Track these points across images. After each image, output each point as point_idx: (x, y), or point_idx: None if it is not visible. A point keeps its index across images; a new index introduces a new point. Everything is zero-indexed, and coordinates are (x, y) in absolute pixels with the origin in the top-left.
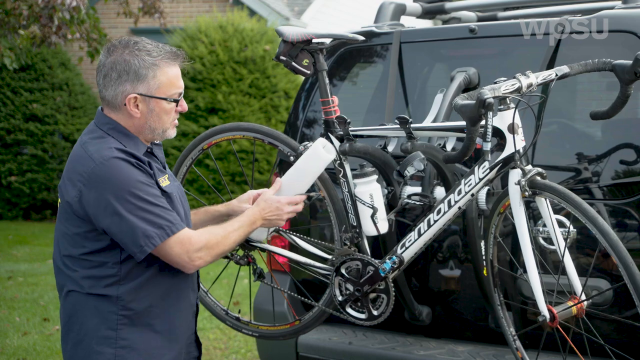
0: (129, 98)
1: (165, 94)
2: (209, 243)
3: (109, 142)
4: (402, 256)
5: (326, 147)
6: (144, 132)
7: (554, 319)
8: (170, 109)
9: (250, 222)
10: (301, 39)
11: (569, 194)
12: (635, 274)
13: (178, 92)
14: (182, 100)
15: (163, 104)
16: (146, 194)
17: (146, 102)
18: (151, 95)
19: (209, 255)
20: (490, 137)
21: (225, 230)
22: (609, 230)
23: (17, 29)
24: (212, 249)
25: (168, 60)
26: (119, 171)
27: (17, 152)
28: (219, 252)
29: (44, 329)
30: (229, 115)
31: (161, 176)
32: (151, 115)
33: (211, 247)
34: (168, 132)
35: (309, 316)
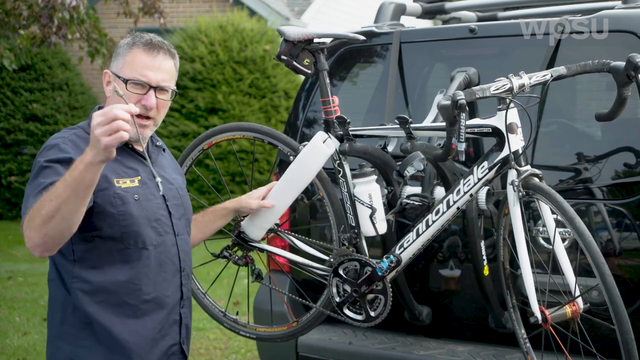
0: (104, 73)
1: (123, 75)
2: (29, 216)
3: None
4: (400, 256)
5: (326, 142)
6: None
7: (546, 320)
8: (128, 93)
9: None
10: (302, 39)
11: (553, 193)
12: (607, 274)
13: (137, 78)
14: (149, 94)
15: (121, 84)
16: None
17: (113, 80)
18: (115, 72)
19: (31, 231)
20: (464, 137)
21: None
22: (585, 230)
23: (17, 29)
24: (32, 220)
25: (141, 46)
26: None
27: (17, 152)
28: (40, 223)
29: (44, 329)
30: (229, 115)
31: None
32: (113, 96)
33: (30, 219)
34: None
35: (306, 318)
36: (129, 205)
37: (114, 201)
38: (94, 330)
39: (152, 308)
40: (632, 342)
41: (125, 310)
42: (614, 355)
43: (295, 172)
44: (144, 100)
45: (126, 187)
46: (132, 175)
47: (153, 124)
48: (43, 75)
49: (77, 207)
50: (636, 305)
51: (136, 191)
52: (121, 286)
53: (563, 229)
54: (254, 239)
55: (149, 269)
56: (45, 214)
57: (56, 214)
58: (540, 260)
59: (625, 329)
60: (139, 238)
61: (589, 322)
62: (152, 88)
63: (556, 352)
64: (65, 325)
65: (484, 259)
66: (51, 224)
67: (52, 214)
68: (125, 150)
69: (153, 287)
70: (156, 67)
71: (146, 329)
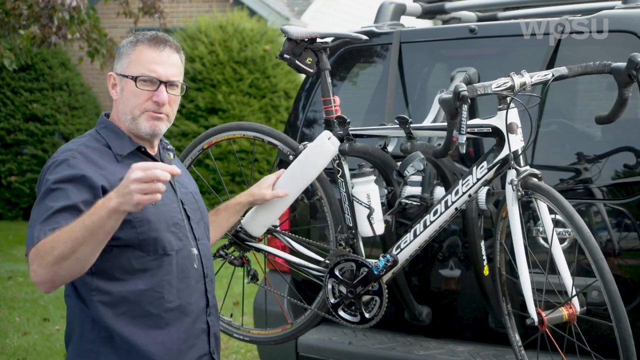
0: (109, 75)
1: (131, 73)
2: (38, 252)
3: (80, 142)
4: (397, 257)
5: (331, 139)
6: (121, 117)
7: (543, 323)
8: (136, 91)
9: (99, 204)
10: (305, 38)
11: (551, 191)
12: (605, 271)
13: (146, 74)
14: (160, 89)
15: (129, 83)
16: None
17: (120, 81)
18: (121, 73)
19: (38, 267)
20: (465, 129)
21: (61, 229)
22: (584, 226)
23: (17, 29)
24: (40, 258)
25: (146, 42)
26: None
27: (17, 152)
28: (51, 261)
29: (44, 329)
30: (229, 115)
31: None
32: (122, 97)
33: (40, 256)
34: (139, 123)
35: (301, 320)
36: (145, 211)
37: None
38: (115, 344)
39: (176, 317)
40: (630, 339)
41: (148, 320)
42: (612, 355)
43: (299, 168)
44: (155, 96)
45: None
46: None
47: (167, 120)
48: (43, 75)
49: (94, 250)
50: (636, 305)
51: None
52: (143, 295)
53: (563, 229)
54: (254, 236)
55: (171, 276)
56: (59, 254)
57: (71, 256)
58: (538, 261)
59: (623, 325)
60: (159, 244)
61: (587, 323)
62: (162, 83)
63: (551, 352)
64: (85, 341)
65: (484, 259)
66: (64, 265)
67: (66, 256)
68: (138, 154)
69: (176, 294)
70: (164, 62)
71: (171, 339)
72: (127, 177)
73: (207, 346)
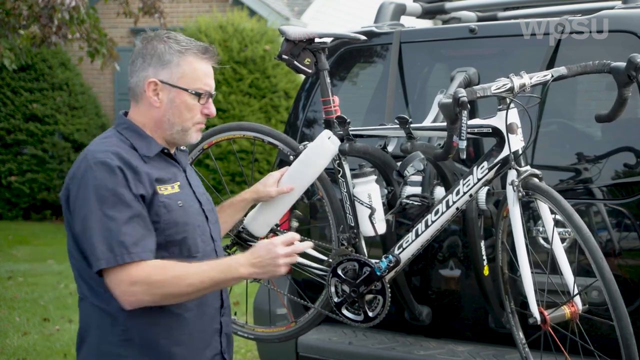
0: (149, 82)
1: (187, 86)
2: (150, 279)
3: (112, 142)
4: (399, 257)
5: (331, 139)
6: (163, 126)
7: (545, 321)
8: (193, 105)
9: (228, 268)
10: (304, 38)
11: (551, 192)
12: (605, 270)
13: (204, 88)
14: (210, 102)
15: (184, 96)
16: (117, 209)
17: (167, 91)
18: (173, 84)
19: (145, 294)
20: (465, 135)
21: (185, 269)
22: (583, 226)
23: (17, 29)
24: (151, 287)
25: (197, 52)
26: (103, 178)
27: (17, 152)
28: (164, 294)
29: (44, 329)
30: (229, 115)
31: (171, 183)
32: (171, 107)
33: (151, 283)
34: (189, 134)
35: (304, 318)
36: (173, 213)
37: (160, 211)
38: (136, 345)
39: (196, 317)
40: (631, 337)
41: (170, 321)
42: (614, 355)
43: (300, 168)
44: (206, 109)
45: (168, 193)
46: (172, 181)
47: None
48: (43, 75)
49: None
50: (636, 305)
51: (179, 197)
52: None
53: (563, 229)
54: (256, 236)
55: None
56: (177, 292)
57: (184, 296)
58: (539, 260)
59: (624, 324)
60: (184, 246)
61: (589, 322)
62: (210, 96)
63: (555, 352)
64: (104, 343)
65: (484, 259)
66: (171, 300)
67: (182, 295)
68: (161, 155)
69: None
70: (212, 75)
71: (191, 339)
72: (269, 251)
73: (219, 346)
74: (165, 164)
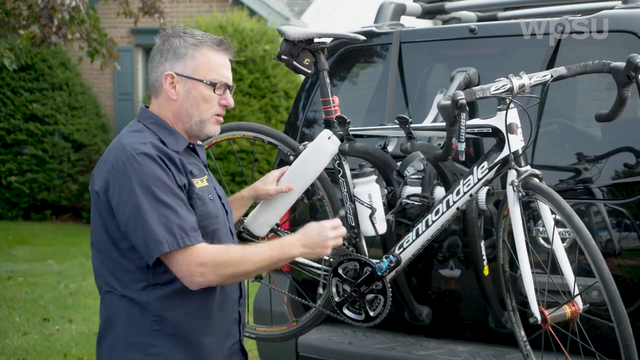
0: (165, 75)
1: (202, 77)
2: (217, 260)
3: (145, 136)
4: (400, 257)
5: (331, 139)
6: (182, 119)
7: (546, 321)
8: (209, 95)
9: (282, 248)
10: (303, 38)
11: (551, 192)
12: (605, 271)
13: (219, 79)
14: (227, 93)
15: (200, 87)
16: (168, 196)
17: (183, 83)
18: (188, 75)
19: (213, 274)
20: (464, 137)
21: (245, 251)
22: (583, 227)
23: (17, 29)
24: (218, 267)
25: (211, 44)
26: (148, 167)
27: (17, 152)
28: (230, 274)
29: (44, 329)
30: (228, 115)
31: (200, 177)
32: (188, 99)
33: (218, 264)
34: (207, 126)
35: (306, 317)
36: (207, 205)
37: (195, 202)
38: (165, 334)
39: (219, 308)
40: (630, 339)
41: (198, 311)
42: (614, 355)
43: (300, 168)
44: (224, 100)
45: (200, 187)
46: (201, 175)
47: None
48: (43, 75)
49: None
50: (636, 306)
51: (209, 191)
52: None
53: (563, 229)
54: (257, 236)
55: None
56: (243, 271)
57: (245, 275)
58: (540, 260)
59: (623, 325)
60: (215, 238)
61: (589, 322)
62: (228, 87)
63: (556, 352)
64: (134, 334)
65: (484, 259)
66: (235, 279)
67: (247, 274)
68: (187, 150)
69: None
70: (229, 66)
71: (217, 329)
72: (320, 234)
73: (238, 334)
74: (192, 158)
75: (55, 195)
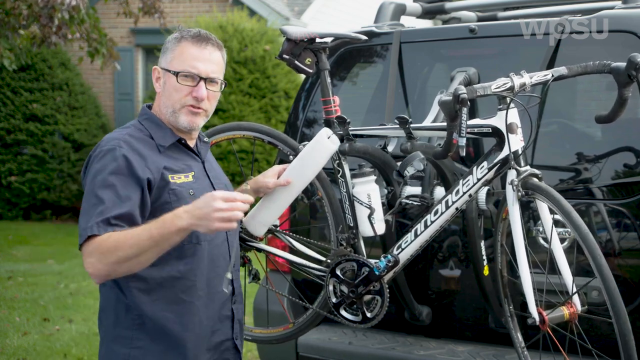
0: (153, 70)
1: (174, 68)
2: (100, 248)
3: (126, 130)
4: (398, 257)
5: (331, 138)
6: (163, 110)
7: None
8: (178, 86)
9: (164, 221)
10: (305, 38)
11: (550, 191)
12: (604, 267)
13: (188, 70)
14: (199, 86)
15: (171, 77)
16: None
17: (163, 76)
18: (164, 67)
19: (100, 262)
20: (465, 132)
21: (123, 234)
22: (582, 224)
23: (17, 29)
24: (102, 255)
25: (188, 37)
26: (106, 163)
27: (17, 152)
28: (114, 260)
29: (44, 329)
30: (229, 115)
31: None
32: (164, 91)
33: (101, 252)
34: (178, 117)
35: (302, 319)
36: (184, 201)
37: (169, 197)
38: (148, 330)
39: (205, 304)
40: (629, 334)
41: (181, 307)
42: (614, 355)
43: (299, 166)
44: (195, 92)
45: (181, 182)
46: (186, 170)
47: (205, 115)
48: (43, 75)
49: (155, 256)
50: (636, 305)
51: (191, 186)
52: (177, 282)
53: (563, 229)
54: (255, 235)
55: (203, 265)
56: (123, 256)
57: (133, 259)
58: (538, 260)
59: (622, 321)
60: (194, 233)
61: (588, 323)
62: (202, 79)
63: (553, 353)
64: (119, 327)
65: (484, 259)
66: (124, 265)
67: (129, 258)
68: (178, 146)
69: (206, 283)
70: (205, 59)
71: (201, 326)
72: (206, 203)
73: (231, 332)
74: (182, 154)
75: (55, 195)
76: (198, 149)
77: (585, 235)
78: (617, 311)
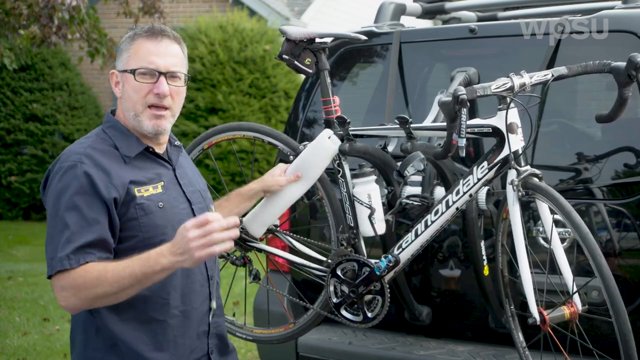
0: (111, 75)
1: (129, 67)
2: (75, 282)
3: (89, 140)
4: (399, 257)
5: (332, 138)
6: (126, 115)
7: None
8: (137, 86)
9: (148, 260)
10: (304, 38)
11: (550, 190)
12: (604, 266)
13: (145, 65)
14: (160, 81)
15: (128, 78)
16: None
17: (121, 78)
18: (121, 69)
19: (74, 297)
20: (465, 133)
21: (103, 270)
22: (582, 223)
23: (17, 29)
24: (77, 290)
25: (141, 34)
26: (68, 183)
27: (17, 152)
28: (91, 296)
29: (44, 329)
30: (229, 115)
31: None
32: (124, 94)
33: (77, 287)
34: (141, 121)
35: (303, 319)
36: (152, 216)
37: (137, 213)
38: (120, 352)
39: (181, 323)
40: (629, 333)
41: (153, 327)
42: (614, 355)
43: (300, 168)
44: (156, 88)
45: (149, 194)
46: (154, 181)
47: (170, 115)
48: (43, 75)
49: (136, 292)
50: (636, 305)
51: (160, 198)
52: (148, 301)
53: (563, 229)
54: (254, 236)
55: (176, 281)
56: (102, 293)
57: (111, 296)
58: (539, 260)
59: (622, 320)
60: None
61: (589, 322)
62: (161, 75)
63: (554, 352)
64: (89, 349)
65: (484, 259)
66: (104, 300)
67: (108, 295)
68: (145, 154)
69: (181, 300)
70: (162, 53)
71: (176, 346)
72: (182, 236)
73: (206, 347)
74: (150, 163)
75: None
76: (169, 154)
77: (585, 235)
78: (617, 311)
